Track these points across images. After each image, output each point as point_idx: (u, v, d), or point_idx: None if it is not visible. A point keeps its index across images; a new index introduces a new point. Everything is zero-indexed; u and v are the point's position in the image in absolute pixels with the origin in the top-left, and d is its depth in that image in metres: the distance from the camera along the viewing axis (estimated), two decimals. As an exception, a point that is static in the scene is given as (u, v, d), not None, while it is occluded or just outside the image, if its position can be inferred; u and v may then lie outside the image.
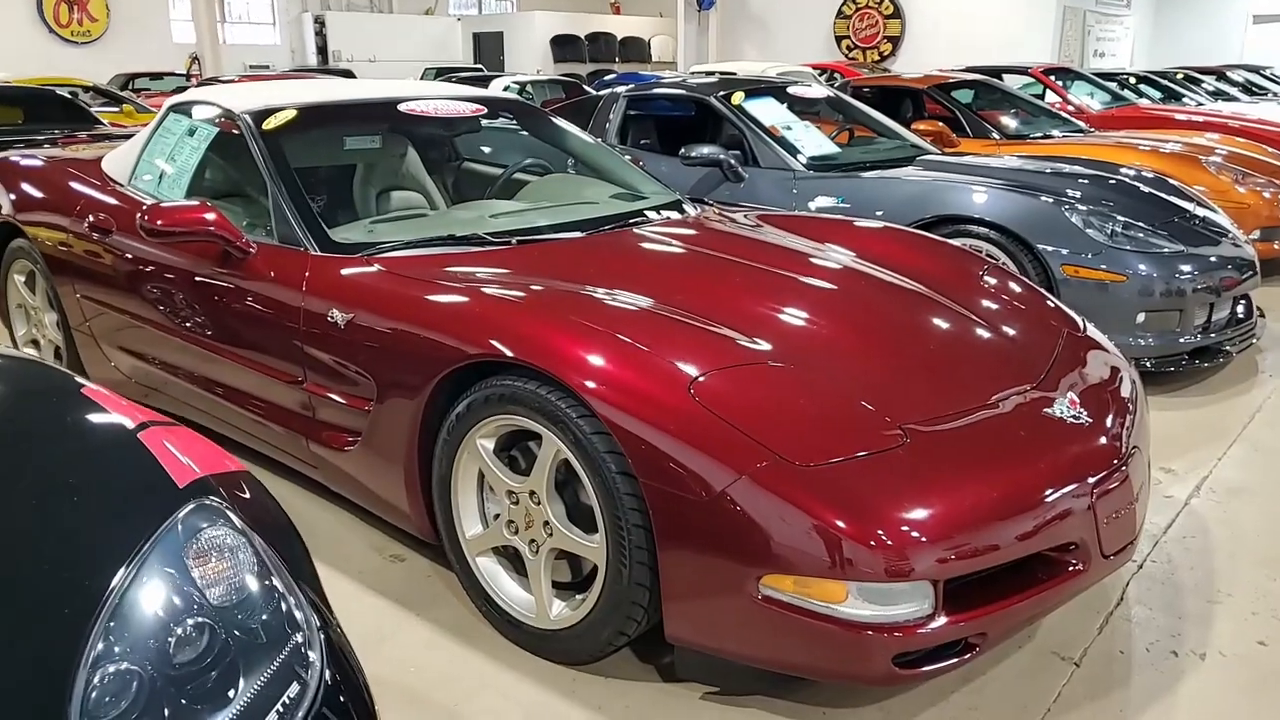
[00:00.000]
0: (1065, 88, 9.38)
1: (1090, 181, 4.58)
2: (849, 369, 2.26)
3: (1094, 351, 2.65)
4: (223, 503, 1.34)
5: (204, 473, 1.40)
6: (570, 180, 3.66)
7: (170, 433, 1.53)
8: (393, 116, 3.42)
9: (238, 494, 1.42)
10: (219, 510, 1.32)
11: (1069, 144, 6.41)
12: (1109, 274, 3.99)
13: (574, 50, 24.72)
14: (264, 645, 1.20)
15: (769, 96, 5.35)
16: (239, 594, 1.24)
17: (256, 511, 1.42)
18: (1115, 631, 2.40)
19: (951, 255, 3.12)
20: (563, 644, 2.21)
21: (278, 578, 1.29)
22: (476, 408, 2.23)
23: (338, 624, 1.38)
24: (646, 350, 2.10)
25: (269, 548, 1.33)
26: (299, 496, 3.05)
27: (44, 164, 3.89)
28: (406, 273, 2.56)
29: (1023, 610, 2.00)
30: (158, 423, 1.55)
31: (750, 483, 1.86)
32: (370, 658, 2.23)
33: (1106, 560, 2.13)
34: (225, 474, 1.44)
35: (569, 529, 2.15)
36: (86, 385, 1.59)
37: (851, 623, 1.84)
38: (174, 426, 1.58)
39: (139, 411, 1.58)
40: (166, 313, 3.12)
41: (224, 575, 1.24)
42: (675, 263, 2.86)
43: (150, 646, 1.12)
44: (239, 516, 1.33)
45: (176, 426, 1.60)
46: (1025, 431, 2.17)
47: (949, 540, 1.86)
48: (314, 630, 1.26)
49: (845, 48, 20.06)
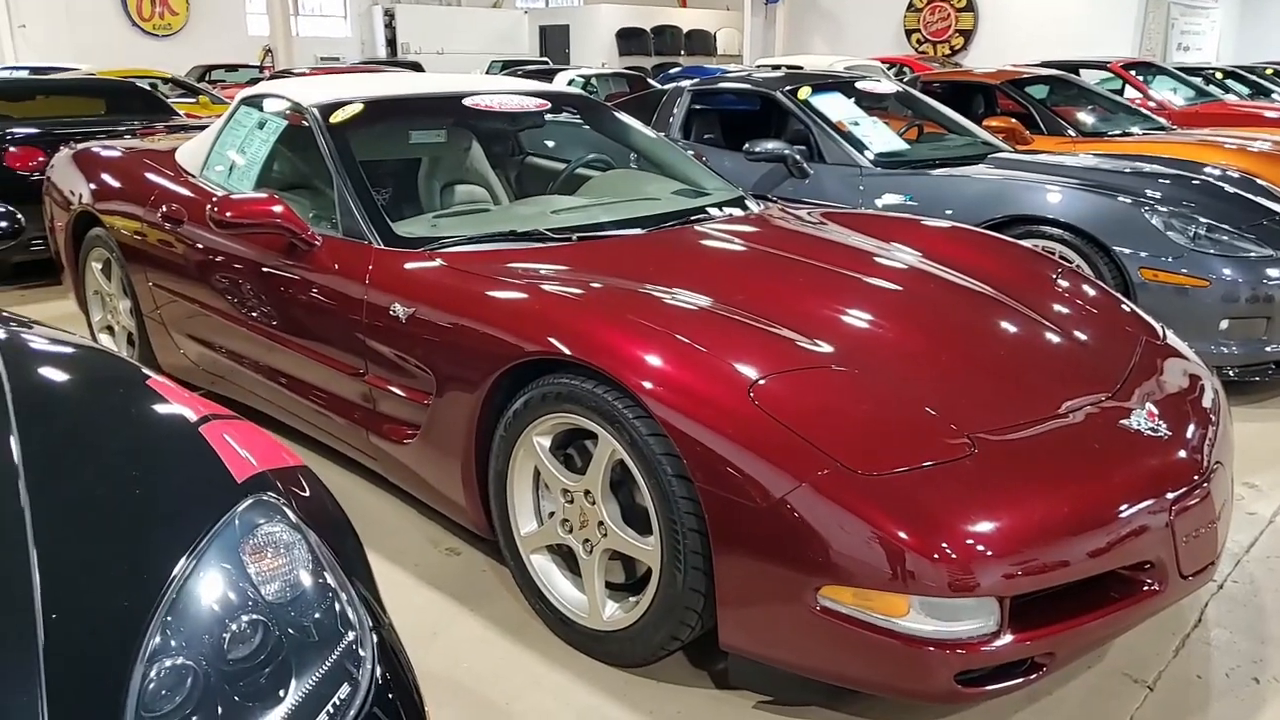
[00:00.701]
0: (1146, 83, 9.09)
1: (1172, 181, 4.41)
2: (915, 374, 2.20)
3: (1174, 360, 2.54)
4: (279, 498, 1.34)
5: (262, 467, 1.41)
6: (632, 176, 3.63)
7: (231, 426, 1.54)
8: (458, 111, 3.42)
9: (295, 489, 1.42)
10: (276, 506, 1.32)
11: (1150, 142, 6.19)
12: (1190, 279, 3.84)
13: (639, 43, 24.68)
14: (316, 643, 1.20)
15: (836, 91, 5.25)
16: (293, 591, 1.24)
17: (313, 507, 1.43)
18: (1192, 654, 2.30)
19: (1023, 257, 3.02)
20: (615, 646, 2.19)
21: (331, 575, 1.29)
22: (534, 405, 2.22)
23: (389, 621, 1.37)
24: (706, 351, 2.07)
25: (324, 544, 1.33)
26: (359, 487, 3.08)
27: (121, 155, 3.99)
28: (468, 268, 2.56)
29: (1094, 630, 1.92)
30: (219, 416, 1.56)
31: (810, 490, 1.81)
32: (422, 652, 2.26)
33: (1185, 581, 2.04)
34: (283, 469, 1.44)
35: (623, 530, 2.13)
36: (152, 377, 1.61)
37: (912, 638, 1.79)
38: (235, 420, 1.59)
39: (201, 404, 1.60)
40: (233, 302, 3.18)
41: (279, 571, 1.24)
42: (737, 261, 2.82)
43: (205, 642, 1.12)
44: (295, 512, 1.34)
45: (237, 420, 1.62)
46: (1099, 443, 2.08)
47: (1016, 555, 1.79)
48: (366, 629, 1.26)
49: (915, 42, 19.72)
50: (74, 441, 1.36)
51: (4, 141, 5.50)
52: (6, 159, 5.42)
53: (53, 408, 1.47)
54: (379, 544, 2.75)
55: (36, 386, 1.52)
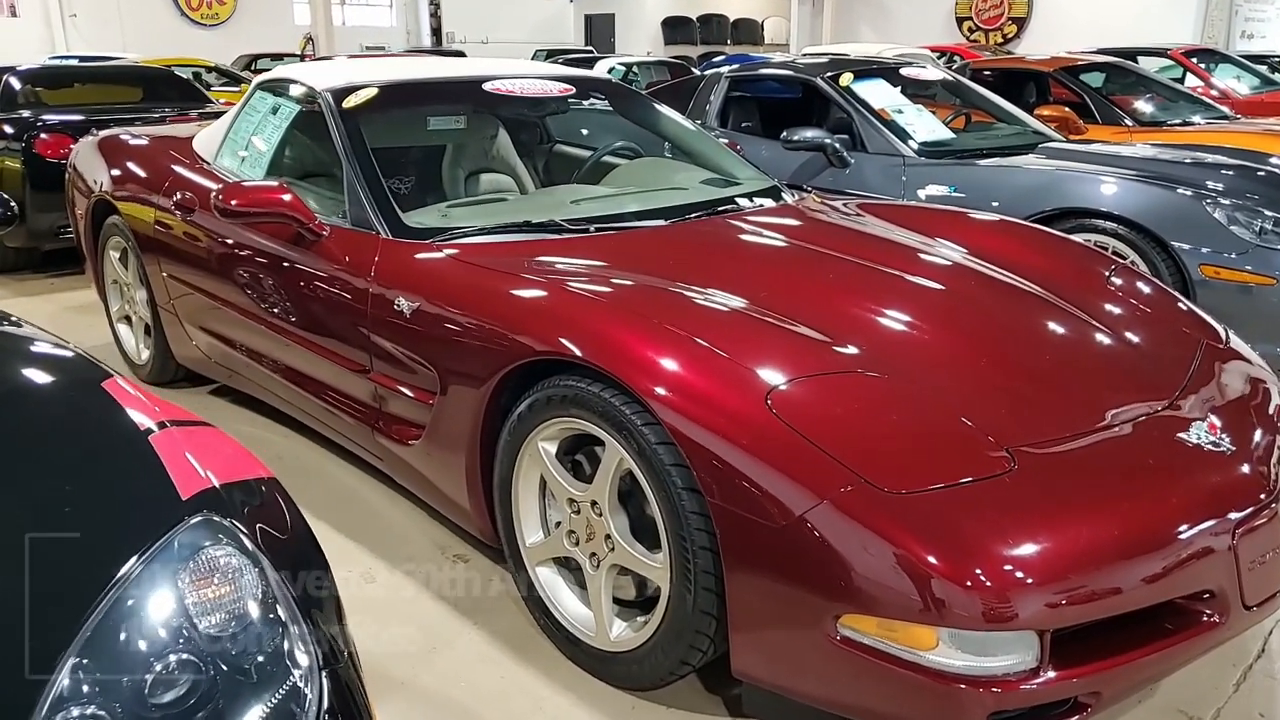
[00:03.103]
0: (1208, 71, 8.72)
1: (1235, 172, 4.14)
2: (952, 381, 2.02)
3: (1237, 365, 2.34)
4: (231, 518, 1.21)
5: (220, 481, 1.28)
6: (660, 165, 3.48)
7: (192, 434, 1.41)
8: (478, 96, 3.28)
9: (255, 506, 1.29)
10: (224, 527, 1.19)
11: (1211, 131, 5.89)
12: (1255, 276, 3.60)
13: (685, 32, 24.44)
14: (255, 685, 1.07)
15: (879, 78, 5.04)
16: (237, 624, 1.11)
17: (275, 526, 1.30)
18: (1255, 689, 2.10)
19: (1074, 253, 2.81)
20: (622, 667, 2.04)
21: (283, 607, 1.15)
22: (539, 408, 2.08)
23: (350, 653, 1.24)
24: (721, 354, 1.91)
25: (282, 571, 1.20)
26: (368, 486, 2.97)
27: (142, 142, 3.92)
28: (475, 260, 2.43)
29: (1146, 667, 1.74)
30: (181, 422, 1.44)
31: (831, 509, 1.65)
32: (421, 669, 2.14)
33: (1249, 612, 1.84)
34: (243, 482, 1.31)
35: (631, 545, 1.98)
36: (113, 378, 1.49)
37: (942, 673, 1.62)
38: (200, 427, 1.47)
39: (165, 410, 1.48)
40: (243, 294, 3.08)
41: (221, 602, 1.11)
42: (763, 256, 2.65)
43: (124, 686, 1.00)
44: (248, 534, 1.21)
45: (205, 427, 1.49)
46: (1154, 459, 1.89)
47: (1058, 583, 1.61)
48: (315, 670, 1.12)
49: (967, 30, 19.24)
50: (8, 454, 1.24)
51: (35, 129, 5.49)
52: (37, 146, 5.41)
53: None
54: (383, 548, 2.64)
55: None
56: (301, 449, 3.27)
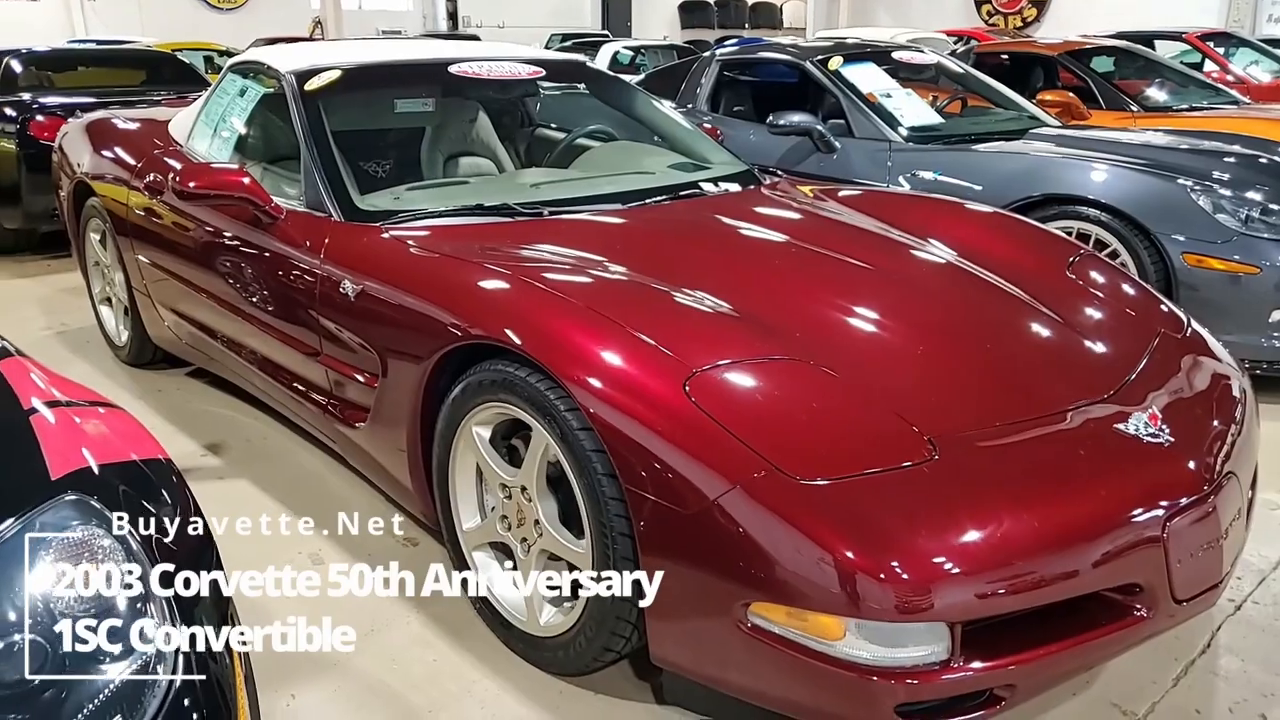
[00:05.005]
0: (1227, 56, 8.54)
1: (1237, 160, 4.05)
2: (886, 370, 2.00)
3: (1195, 356, 2.29)
4: (103, 501, 1.21)
5: (100, 463, 1.28)
6: (630, 149, 3.44)
7: (86, 415, 1.42)
8: (444, 79, 3.26)
9: (137, 491, 1.29)
10: (93, 509, 1.19)
11: (1218, 117, 5.77)
12: (1240, 265, 3.53)
13: (702, 16, 24.22)
14: (103, 669, 1.07)
15: (869, 61, 4.97)
16: (92, 606, 1.11)
17: (163, 511, 1.30)
18: (1195, 684, 2.07)
19: (1036, 239, 2.77)
20: (551, 653, 2.04)
21: (146, 593, 1.15)
22: (471, 392, 2.07)
23: (222, 653, 1.23)
24: (647, 340, 1.88)
25: (158, 557, 1.20)
26: (329, 469, 2.98)
27: (126, 125, 3.93)
28: (419, 243, 2.42)
29: (1064, 660, 1.71)
30: (79, 403, 1.45)
31: (742, 495, 1.63)
32: (359, 651, 2.13)
33: (1180, 606, 1.81)
34: (123, 466, 1.31)
35: (558, 530, 1.97)
36: (13, 358, 1.50)
37: (850, 664, 1.60)
38: (100, 409, 1.47)
39: (69, 391, 1.48)
40: (208, 277, 3.08)
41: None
42: (713, 241, 2.62)
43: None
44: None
45: (110, 409, 1.50)
46: (1086, 449, 1.86)
47: (971, 575, 1.59)
48: (172, 659, 1.11)
49: (985, 13, 18.97)
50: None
51: (31, 111, 5.53)
52: (32, 128, 5.45)
53: None
54: (336, 530, 2.62)
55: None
56: (272, 432, 3.29)
